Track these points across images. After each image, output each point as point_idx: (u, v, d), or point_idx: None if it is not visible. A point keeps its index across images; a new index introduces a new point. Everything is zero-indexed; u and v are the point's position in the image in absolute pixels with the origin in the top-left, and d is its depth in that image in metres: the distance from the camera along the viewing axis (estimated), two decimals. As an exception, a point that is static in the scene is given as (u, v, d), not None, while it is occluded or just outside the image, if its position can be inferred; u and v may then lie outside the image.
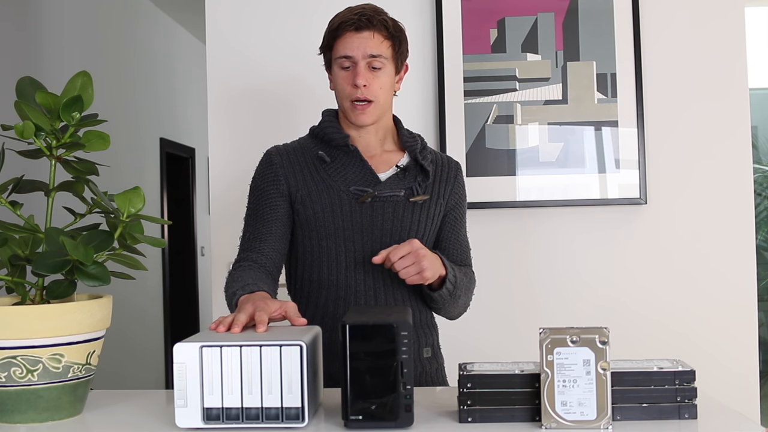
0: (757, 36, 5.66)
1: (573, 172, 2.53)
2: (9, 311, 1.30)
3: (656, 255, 2.55)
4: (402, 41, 1.75)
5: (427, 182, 1.78)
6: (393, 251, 1.58)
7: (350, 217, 1.72)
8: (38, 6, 4.01)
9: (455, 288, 1.71)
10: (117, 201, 1.38)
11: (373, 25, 1.69)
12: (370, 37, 1.68)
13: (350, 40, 1.69)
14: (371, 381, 1.21)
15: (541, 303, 2.57)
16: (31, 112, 1.35)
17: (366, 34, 1.68)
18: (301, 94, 2.60)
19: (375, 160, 1.78)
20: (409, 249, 1.58)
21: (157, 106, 5.73)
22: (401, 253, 1.58)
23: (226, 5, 2.65)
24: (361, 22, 1.68)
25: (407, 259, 1.58)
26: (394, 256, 1.58)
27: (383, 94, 1.72)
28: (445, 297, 1.71)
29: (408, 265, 1.58)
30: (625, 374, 1.25)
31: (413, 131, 1.85)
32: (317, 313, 1.74)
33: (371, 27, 1.68)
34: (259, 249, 1.72)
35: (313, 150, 1.78)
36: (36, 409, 1.33)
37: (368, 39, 1.68)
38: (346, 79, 1.71)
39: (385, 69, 1.71)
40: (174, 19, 6.13)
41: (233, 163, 2.63)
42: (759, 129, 5.73)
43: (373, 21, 1.69)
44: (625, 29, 2.53)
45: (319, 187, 1.74)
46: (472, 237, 2.51)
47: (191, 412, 1.24)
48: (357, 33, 1.68)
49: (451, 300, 1.73)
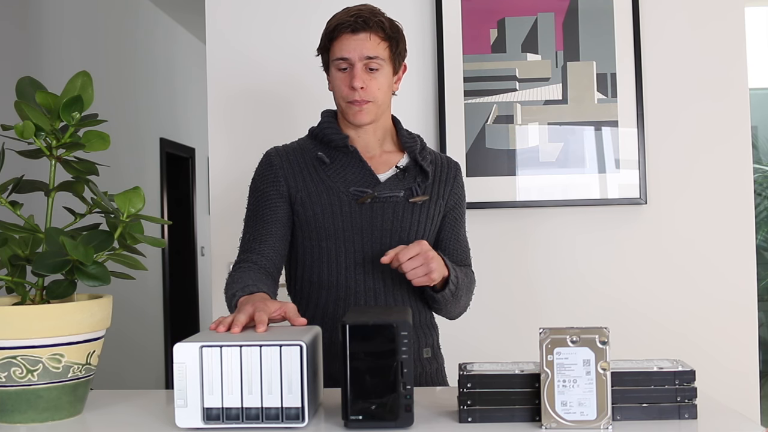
0: (757, 36, 5.66)
1: (573, 172, 2.53)
2: (9, 311, 1.30)
3: (656, 255, 2.55)
4: (399, 42, 1.74)
5: (427, 183, 1.78)
6: (402, 252, 1.58)
7: (350, 218, 1.72)
8: (38, 6, 4.01)
9: (457, 289, 1.71)
10: (117, 201, 1.38)
11: (370, 26, 1.68)
12: (366, 39, 1.68)
13: (347, 42, 1.68)
14: (371, 381, 1.21)
15: (541, 303, 2.57)
16: (31, 112, 1.35)
17: (362, 35, 1.68)
18: (301, 94, 2.60)
19: (374, 161, 1.78)
20: (419, 250, 1.58)
21: (157, 106, 5.73)
22: (410, 254, 1.57)
23: (226, 5, 2.65)
24: (357, 24, 1.67)
25: (416, 260, 1.58)
26: (403, 256, 1.57)
27: (381, 95, 1.72)
28: (447, 298, 1.71)
29: (416, 267, 1.58)
30: (625, 374, 1.25)
31: (413, 131, 1.85)
32: (317, 313, 1.74)
33: (367, 29, 1.68)
34: (258, 250, 1.71)
35: (313, 151, 1.78)
36: (36, 409, 1.33)
37: (365, 41, 1.68)
38: (343, 81, 1.71)
39: (382, 70, 1.70)
40: (174, 19, 6.13)
41: (233, 163, 2.63)
42: (759, 129, 5.73)
43: (369, 23, 1.68)
44: (625, 29, 2.53)
45: (318, 188, 1.73)
46: (473, 237, 2.51)
47: (191, 412, 1.24)
48: (353, 35, 1.68)
49: (453, 300, 1.73)
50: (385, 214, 1.72)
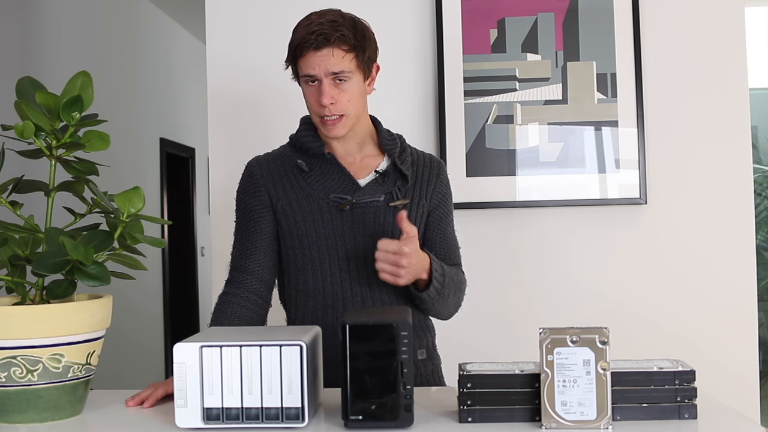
0: (757, 36, 5.66)
1: (573, 172, 2.52)
2: (9, 311, 1.30)
3: (656, 255, 2.55)
4: (366, 48, 1.69)
5: (407, 185, 1.77)
6: (383, 241, 1.58)
7: (331, 225, 1.72)
8: (38, 6, 4.01)
9: (443, 287, 1.70)
10: (117, 201, 1.38)
11: (331, 42, 1.63)
12: (329, 55, 1.64)
13: (311, 59, 1.65)
14: (371, 381, 1.21)
15: (540, 303, 2.57)
16: (31, 112, 1.35)
17: (325, 51, 1.64)
18: (301, 94, 2.59)
19: (354, 166, 1.77)
20: (396, 249, 1.57)
21: (157, 106, 5.73)
22: (388, 249, 1.57)
23: (226, 5, 2.65)
24: (318, 42, 1.63)
25: (388, 257, 1.57)
26: (381, 244, 1.58)
27: (353, 106, 1.70)
28: (432, 297, 1.69)
29: (384, 265, 1.58)
30: (625, 374, 1.26)
31: (393, 132, 1.83)
32: (306, 321, 1.75)
33: (329, 45, 1.63)
34: (246, 268, 1.74)
35: (293, 159, 1.78)
36: (36, 409, 1.33)
37: (328, 57, 1.64)
38: (312, 96, 1.69)
39: (351, 81, 1.67)
40: (174, 19, 6.13)
41: (233, 163, 2.62)
42: (759, 129, 5.73)
43: (330, 38, 1.63)
44: (625, 29, 2.53)
45: (299, 196, 1.74)
46: (473, 237, 2.51)
47: (191, 412, 1.24)
48: (316, 52, 1.64)
49: (440, 299, 1.71)
50: (366, 220, 1.72)
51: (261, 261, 1.75)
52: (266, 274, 1.76)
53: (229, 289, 1.74)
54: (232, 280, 1.76)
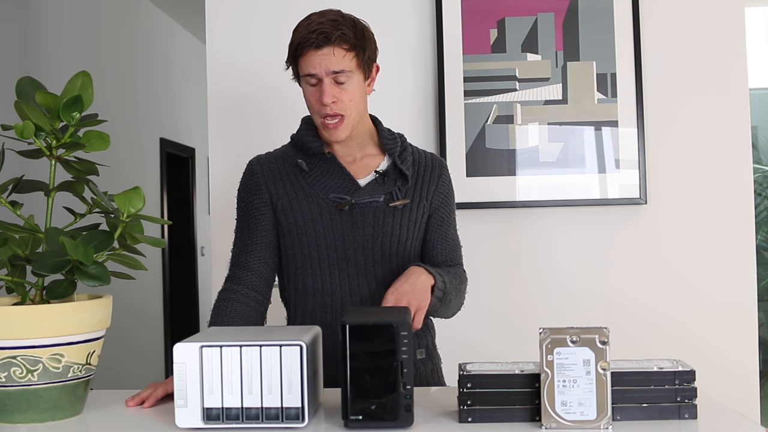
0: (757, 36, 5.66)
1: (573, 172, 2.52)
2: (9, 311, 1.30)
3: (656, 255, 2.55)
4: (366, 47, 1.70)
5: (408, 186, 1.77)
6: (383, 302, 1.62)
7: (330, 225, 1.72)
8: (38, 6, 4.01)
9: (445, 294, 1.70)
10: (117, 201, 1.38)
11: (332, 41, 1.63)
12: (330, 54, 1.64)
13: (312, 58, 1.65)
14: (371, 381, 1.21)
15: (540, 303, 2.57)
16: (31, 112, 1.35)
17: (326, 50, 1.64)
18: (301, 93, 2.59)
19: (355, 166, 1.77)
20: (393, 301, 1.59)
21: (157, 106, 5.73)
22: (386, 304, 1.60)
23: (226, 5, 2.65)
24: (319, 41, 1.63)
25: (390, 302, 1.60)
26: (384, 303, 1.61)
27: (353, 106, 1.69)
28: (435, 305, 1.69)
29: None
30: (625, 374, 1.25)
31: (394, 131, 1.83)
32: (305, 320, 1.76)
33: (329, 43, 1.63)
34: (246, 265, 1.75)
35: (293, 158, 1.78)
36: (36, 409, 1.33)
37: (329, 56, 1.64)
38: (313, 96, 1.69)
39: (351, 80, 1.67)
40: (174, 19, 6.13)
41: (233, 163, 2.62)
42: (759, 129, 5.73)
43: (331, 37, 1.63)
44: (625, 29, 2.53)
45: (299, 195, 1.74)
46: (473, 237, 2.51)
47: (191, 412, 1.24)
48: (317, 51, 1.64)
49: (442, 305, 1.72)
50: (365, 220, 1.72)
51: (261, 258, 1.75)
52: (266, 271, 1.76)
53: (229, 286, 1.75)
54: (231, 277, 1.77)
